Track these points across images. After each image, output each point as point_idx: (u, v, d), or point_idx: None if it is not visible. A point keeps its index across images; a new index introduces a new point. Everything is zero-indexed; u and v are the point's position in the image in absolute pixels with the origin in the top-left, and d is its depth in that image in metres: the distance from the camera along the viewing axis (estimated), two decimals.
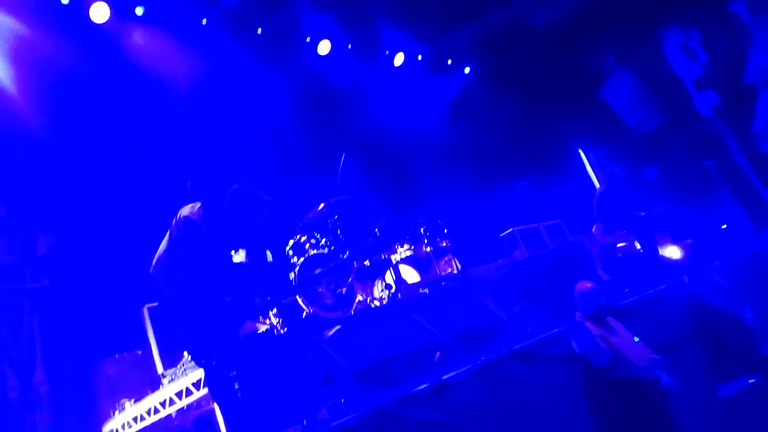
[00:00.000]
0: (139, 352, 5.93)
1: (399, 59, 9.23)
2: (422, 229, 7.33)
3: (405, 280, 6.74)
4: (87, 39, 6.60)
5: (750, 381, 4.67)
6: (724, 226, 7.15)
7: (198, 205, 4.02)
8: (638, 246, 6.52)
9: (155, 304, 5.93)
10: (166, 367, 5.68)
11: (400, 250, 7.10)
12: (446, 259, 6.99)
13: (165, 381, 5.45)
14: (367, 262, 6.33)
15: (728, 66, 8.33)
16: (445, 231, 7.41)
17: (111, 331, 6.08)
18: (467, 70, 10.19)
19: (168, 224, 4.13)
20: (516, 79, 9.15)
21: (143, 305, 5.99)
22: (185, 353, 5.37)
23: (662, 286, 5.36)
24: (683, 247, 5.93)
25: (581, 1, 8.66)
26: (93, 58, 6.63)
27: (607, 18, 8.58)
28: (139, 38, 6.99)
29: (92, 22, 6.57)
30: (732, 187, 8.12)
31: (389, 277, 6.39)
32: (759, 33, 8.08)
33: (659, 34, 8.71)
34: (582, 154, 8.38)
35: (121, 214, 6.47)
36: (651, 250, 6.31)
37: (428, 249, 7.22)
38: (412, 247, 7.18)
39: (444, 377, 3.68)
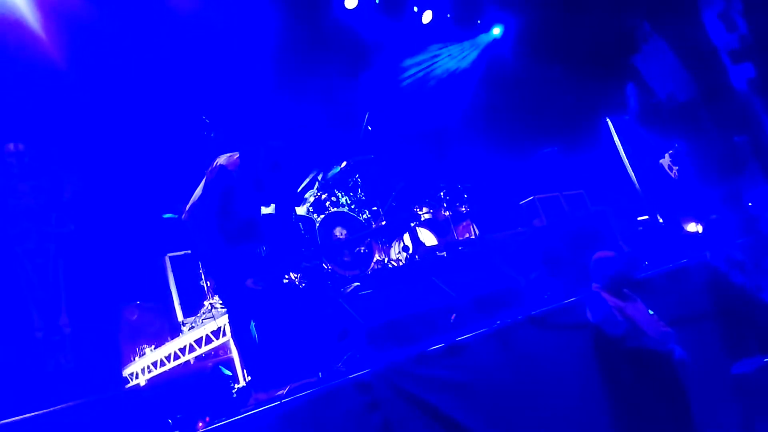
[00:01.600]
0: (160, 302, 6.06)
1: (427, 17, 9.02)
2: (442, 193, 7.31)
3: (423, 243, 6.76)
4: None
5: (765, 359, 4.65)
6: (750, 204, 7.01)
7: (236, 155, 4.03)
8: (660, 219, 6.45)
9: (177, 253, 6.03)
10: (186, 315, 5.80)
11: (419, 212, 7.10)
12: (464, 224, 6.97)
13: (185, 329, 5.58)
14: (385, 223, 6.34)
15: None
16: (465, 196, 7.38)
17: (134, 278, 6.20)
18: (496, 30, 9.94)
19: (196, 173, 4.15)
20: (546, 43, 8.90)
21: (165, 254, 6.09)
22: (206, 302, 5.48)
23: (683, 261, 5.30)
24: (707, 222, 5.84)
25: None
26: (115, 11, 6.56)
27: None
28: None
29: None
30: (762, 164, 7.92)
31: (407, 239, 6.41)
32: None
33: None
34: (610, 123, 8.19)
35: (146, 162, 6.51)
36: (674, 224, 6.23)
37: (447, 213, 7.21)
38: (431, 211, 7.18)
39: (459, 338, 3.71)
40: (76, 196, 5.59)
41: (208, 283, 5.45)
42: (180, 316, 5.81)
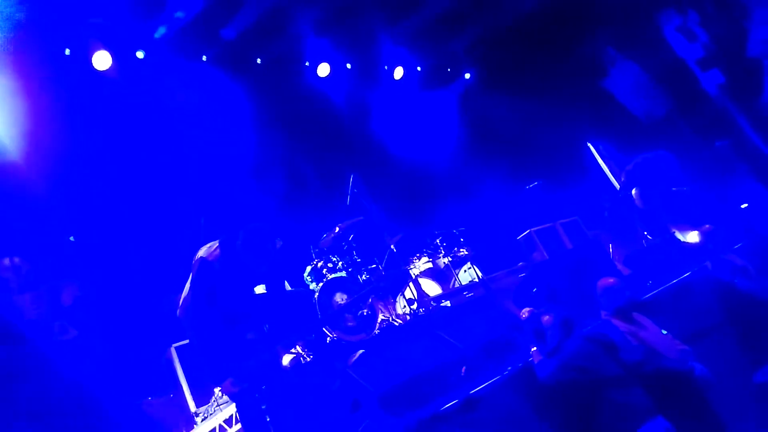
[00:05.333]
0: (171, 395, 5.98)
1: (399, 73, 9.27)
2: (438, 240, 7.34)
3: (426, 293, 6.73)
4: (91, 86, 6.74)
5: None
6: (744, 206, 7.01)
7: (215, 244, 4.10)
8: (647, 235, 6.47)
9: (182, 342, 5.99)
10: (198, 404, 5.72)
11: (418, 263, 7.10)
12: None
13: (198, 419, 5.49)
14: (386, 280, 6.33)
15: (729, 43, 8.22)
16: (462, 240, 7.40)
17: (142, 374, 6.14)
18: (467, 75, 10.20)
19: (187, 263, 4.20)
20: (517, 80, 9.12)
21: (170, 345, 6.05)
22: (216, 390, 5.41)
23: (686, 275, 5.27)
24: (704, 232, 5.83)
25: None
26: (99, 103, 6.76)
27: (602, 8, 8.53)
28: (141, 80, 7.11)
29: (95, 69, 6.70)
30: (748, 164, 7.98)
31: (410, 292, 6.39)
32: (757, 6, 7.96)
33: (656, 18, 8.62)
34: (592, 148, 8.29)
35: (140, 257, 6.56)
36: (670, 239, 6.22)
37: (447, 260, 7.21)
38: (431, 260, 7.18)
39: (472, 392, 3.66)
40: (76, 301, 5.62)
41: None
42: (192, 407, 5.73)
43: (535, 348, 4.06)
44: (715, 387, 4.24)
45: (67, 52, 6.59)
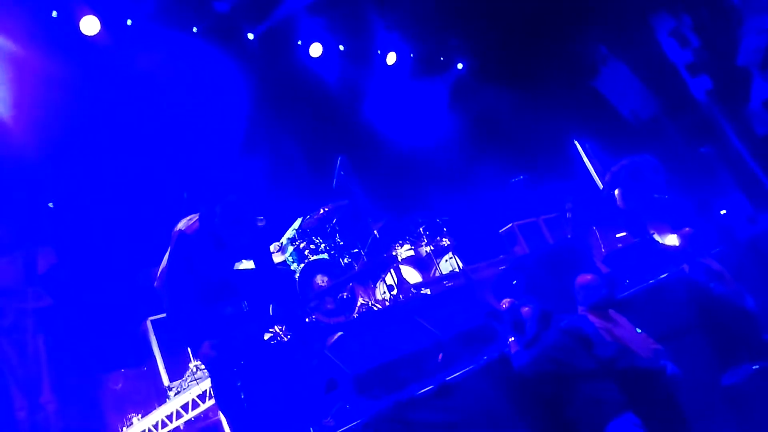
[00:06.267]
0: (145, 368, 5.95)
1: (391, 58, 9.22)
2: (422, 229, 7.35)
3: (407, 281, 6.75)
4: (78, 52, 6.61)
5: (754, 367, 4.66)
6: (724, 212, 7.13)
7: (195, 217, 4.05)
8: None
9: (159, 316, 5.95)
10: (171, 379, 5.70)
11: (400, 250, 7.12)
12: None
13: (171, 394, 5.47)
14: (367, 264, 6.33)
15: (721, 50, 8.30)
16: (445, 229, 7.42)
17: (116, 346, 6.10)
18: (460, 66, 10.19)
19: (168, 236, 4.15)
20: (508, 74, 9.15)
21: (146, 318, 6.01)
22: (190, 365, 5.39)
23: (663, 276, 5.34)
24: (682, 235, 5.91)
25: None
26: (85, 70, 6.63)
27: (597, 7, 8.55)
28: (130, 49, 6.98)
29: (83, 34, 6.57)
30: (730, 171, 8.10)
31: (391, 279, 6.41)
32: (750, 15, 8.04)
33: (650, 20, 8.67)
34: (578, 145, 8.36)
35: (120, 228, 6.48)
36: (649, 240, 6.30)
37: (429, 248, 7.24)
38: (413, 247, 7.20)
39: (448, 378, 3.68)
40: (51, 268, 5.54)
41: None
42: (166, 381, 5.70)
43: (512, 338, 4.09)
44: (685, 386, 4.31)
45: (54, 14, 6.44)
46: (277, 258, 6.08)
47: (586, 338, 4.25)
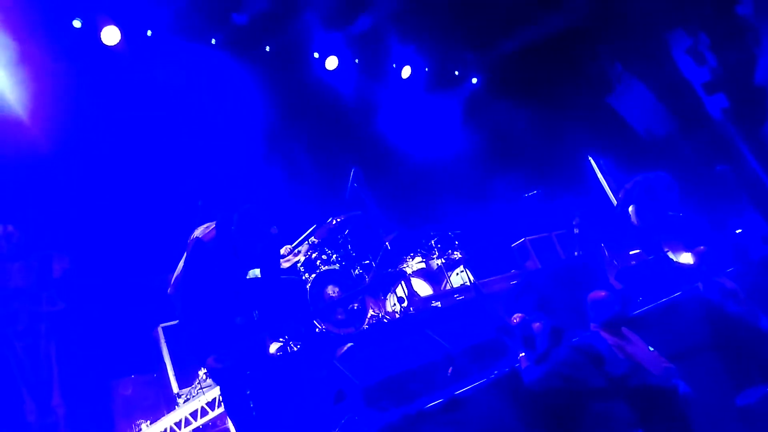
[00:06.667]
0: (155, 375, 5.96)
1: (406, 72, 9.28)
2: (433, 242, 7.34)
3: (417, 293, 6.74)
4: (99, 61, 6.72)
5: None
6: (739, 231, 7.06)
7: (212, 225, 4.09)
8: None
9: (170, 323, 5.98)
10: (181, 386, 5.71)
11: (411, 263, 7.11)
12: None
13: (180, 401, 5.48)
14: (378, 276, 6.33)
15: (737, 68, 8.26)
16: (456, 243, 7.41)
17: (127, 352, 6.13)
18: (474, 80, 10.22)
19: (182, 243, 4.19)
20: (523, 89, 9.16)
21: (158, 325, 6.04)
22: (200, 372, 5.40)
23: (676, 294, 5.29)
24: (697, 253, 5.86)
25: (586, 7, 8.66)
26: (105, 79, 6.75)
27: (613, 24, 8.56)
28: (149, 59, 7.10)
29: (104, 44, 6.68)
30: (746, 190, 8.03)
31: (401, 291, 6.40)
32: (766, 34, 8.01)
33: (666, 38, 8.66)
34: (592, 162, 8.33)
35: (135, 235, 6.54)
36: (663, 258, 6.25)
37: (440, 261, 7.22)
38: (424, 260, 7.19)
39: (457, 392, 3.66)
40: (66, 273, 5.59)
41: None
42: (175, 388, 5.71)
43: (523, 354, 4.07)
44: (697, 406, 4.25)
45: (77, 24, 6.56)
46: (287, 263, 6.09)
47: (598, 355, 4.21)
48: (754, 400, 4.58)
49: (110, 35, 6.68)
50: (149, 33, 7.04)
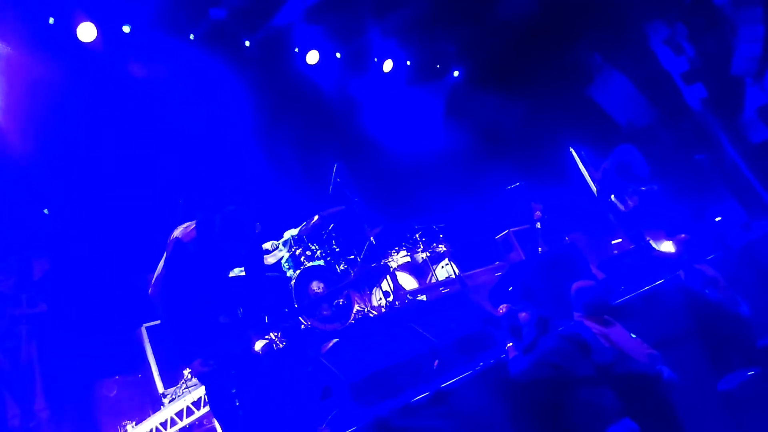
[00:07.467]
0: (139, 375, 5.91)
1: (388, 66, 9.26)
2: (418, 235, 7.35)
3: (403, 287, 6.74)
4: (75, 58, 6.61)
5: (749, 373, 4.67)
6: (719, 219, 7.16)
7: (192, 225, 4.03)
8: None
9: (154, 323, 5.92)
10: (166, 386, 5.66)
11: (396, 257, 7.12)
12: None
13: (166, 401, 5.44)
14: (363, 271, 6.33)
15: (715, 58, 8.35)
16: (441, 236, 7.42)
17: (111, 353, 6.07)
18: (456, 73, 10.23)
19: (163, 243, 4.14)
20: (505, 81, 9.18)
21: (141, 325, 5.98)
22: (185, 372, 5.36)
23: (658, 282, 5.36)
24: (677, 241, 5.93)
25: None
26: (81, 77, 6.63)
27: (593, 16, 8.60)
28: (126, 56, 6.99)
29: (79, 41, 6.57)
30: (725, 179, 8.14)
31: (387, 285, 6.40)
32: (744, 24, 8.10)
33: (644, 29, 8.72)
34: (573, 153, 8.39)
35: (114, 234, 6.46)
36: (645, 246, 6.32)
37: (425, 255, 7.24)
38: (409, 254, 7.20)
39: (443, 385, 3.68)
40: (46, 275, 5.52)
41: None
42: (160, 388, 5.67)
43: (510, 344, 4.09)
44: (681, 391, 4.31)
45: (51, 21, 6.44)
46: (271, 259, 6.06)
47: (585, 344, 4.25)
48: (734, 385, 4.66)
49: (86, 32, 6.56)
50: (126, 29, 6.92)
